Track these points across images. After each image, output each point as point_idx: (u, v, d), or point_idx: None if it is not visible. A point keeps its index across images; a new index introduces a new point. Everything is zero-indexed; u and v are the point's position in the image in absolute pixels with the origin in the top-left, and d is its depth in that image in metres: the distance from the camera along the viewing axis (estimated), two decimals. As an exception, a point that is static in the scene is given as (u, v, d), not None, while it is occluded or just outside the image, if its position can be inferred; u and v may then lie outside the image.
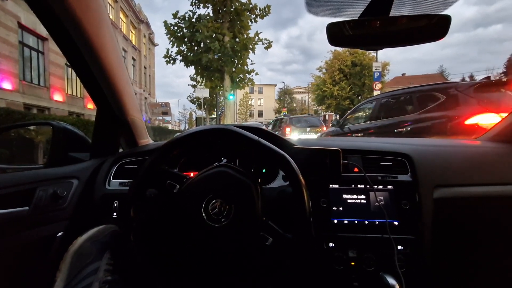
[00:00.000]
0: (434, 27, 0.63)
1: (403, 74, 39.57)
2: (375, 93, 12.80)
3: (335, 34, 0.66)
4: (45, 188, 0.82)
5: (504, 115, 1.62)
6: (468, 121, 2.62)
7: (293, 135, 8.92)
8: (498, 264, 0.84)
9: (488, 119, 2.52)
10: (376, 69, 13.02)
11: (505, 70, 32.50)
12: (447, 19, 0.60)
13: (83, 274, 0.66)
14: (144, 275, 0.64)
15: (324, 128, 8.92)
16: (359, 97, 22.39)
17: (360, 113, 4.45)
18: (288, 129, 9.26)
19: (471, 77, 36.83)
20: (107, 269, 0.69)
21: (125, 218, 0.67)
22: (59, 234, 0.82)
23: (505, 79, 3.05)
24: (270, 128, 10.87)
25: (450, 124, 2.80)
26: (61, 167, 0.93)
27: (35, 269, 0.79)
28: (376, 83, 12.87)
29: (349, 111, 4.97)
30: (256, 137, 0.66)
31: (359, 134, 4.14)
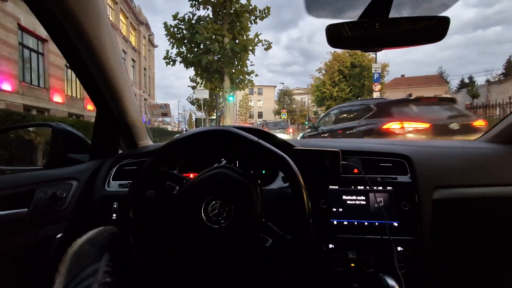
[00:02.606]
0: (433, 29, 0.63)
1: (402, 76, 39.66)
2: (375, 94, 12.84)
3: (335, 35, 0.66)
4: (45, 190, 0.82)
5: (406, 124, 2.73)
6: (384, 126, 3.69)
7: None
8: (497, 265, 0.84)
9: (394, 126, 3.63)
10: (375, 71, 13.06)
11: (504, 71, 32.58)
12: (446, 21, 0.61)
13: (82, 276, 0.65)
14: (143, 277, 0.63)
15: (290, 130, 11.63)
16: (359, 98, 22.41)
17: (329, 118, 5.63)
18: (265, 129, 10.38)
19: (470, 78, 36.94)
20: (106, 271, 0.69)
21: (125, 220, 0.66)
22: (59, 235, 0.81)
23: (412, 98, 4.11)
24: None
25: (375, 128, 3.84)
26: (60, 168, 0.93)
27: (34, 270, 0.79)
28: (375, 84, 12.91)
29: (321, 117, 6.34)
30: (256, 138, 0.66)
31: (327, 134, 5.24)
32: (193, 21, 11.67)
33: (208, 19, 11.66)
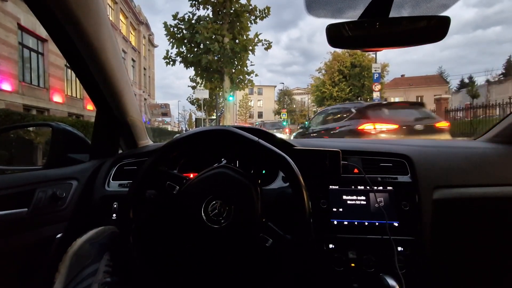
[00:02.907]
0: (433, 28, 0.63)
1: (402, 75, 39.64)
2: (375, 94, 12.84)
3: (335, 35, 0.66)
4: (44, 190, 0.82)
5: (378, 125, 3.43)
6: (359, 127, 4.28)
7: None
8: (498, 264, 0.84)
9: (368, 127, 4.20)
10: (375, 70, 13.06)
11: (503, 71, 32.58)
12: (446, 21, 0.61)
13: (82, 276, 0.65)
14: (143, 277, 0.63)
15: (287, 130, 12.35)
16: (359, 98, 22.42)
17: (317, 119, 6.28)
18: (263, 129, 11.21)
19: (470, 78, 36.95)
20: (106, 271, 0.69)
21: (125, 220, 0.66)
22: (59, 235, 0.81)
23: (385, 102, 5.16)
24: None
25: (353, 129, 4.42)
26: (60, 168, 0.93)
27: (34, 270, 0.79)
28: (375, 84, 12.92)
29: (311, 118, 7.14)
30: (256, 138, 0.66)
31: (315, 134, 5.84)
32: (193, 21, 11.67)
33: (208, 19, 11.66)
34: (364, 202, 0.84)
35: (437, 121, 4.40)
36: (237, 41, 11.83)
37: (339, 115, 5.23)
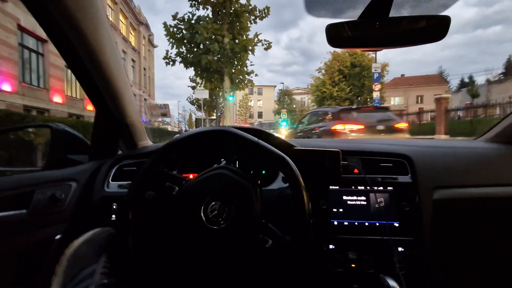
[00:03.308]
0: (433, 28, 0.62)
1: (402, 75, 39.65)
2: (375, 94, 12.84)
3: (335, 35, 0.66)
4: (43, 191, 0.82)
5: (347, 125, 4.81)
6: (332, 127, 5.11)
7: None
8: (498, 265, 0.83)
9: (339, 127, 5.03)
10: (375, 70, 13.06)
11: (504, 70, 32.56)
12: (446, 20, 0.60)
13: (79, 278, 0.65)
14: (142, 278, 0.63)
15: (283, 130, 12.55)
16: (359, 98, 22.43)
17: (304, 120, 7.14)
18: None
19: (470, 77, 36.96)
20: (103, 272, 0.68)
21: (124, 221, 0.66)
22: (58, 236, 0.81)
23: (354, 107, 5.88)
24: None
25: (328, 129, 5.25)
26: (59, 169, 0.93)
27: (33, 272, 0.79)
28: (375, 84, 12.91)
29: (300, 119, 8.02)
30: (256, 139, 0.66)
31: (301, 133, 6.61)
32: (193, 21, 11.68)
33: (207, 19, 11.67)
34: (364, 203, 0.84)
35: (396, 122, 5.32)
36: (237, 41, 11.84)
37: (320, 118, 6.14)
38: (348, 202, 0.84)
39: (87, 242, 0.73)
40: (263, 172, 0.93)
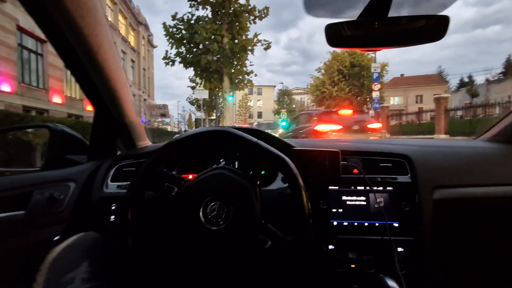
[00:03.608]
0: (433, 28, 0.62)
1: (401, 75, 39.72)
2: (374, 93, 12.85)
3: (334, 35, 0.66)
4: (42, 191, 0.81)
5: (329, 125, 5.88)
6: (315, 128, 5.96)
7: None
8: (498, 265, 0.83)
9: (320, 127, 5.88)
10: (375, 70, 13.07)
11: (503, 70, 32.61)
12: (445, 20, 0.60)
13: (60, 284, 0.63)
14: (141, 279, 0.63)
15: (280, 130, 13.63)
16: (358, 98, 22.44)
17: (293, 122, 8.19)
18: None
19: (470, 77, 37.01)
20: (85, 278, 0.67)
21: (123, 221, 0.66)
22: (56, 238, 0.81)
23: (334, 110, 6.74)
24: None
25: (311, 129, 6.07)
26: (58, 170, 0.92)
27: (31, 273, 0.78)
28: (375, 84, 12.92)
29: (292, 121, 9.35)
30: (255, 139, 0.66)
31: (291, 133, 7.38)
32: (192, 21, 11.67)
33: (207, 19, 11.67)
34: (364, 203, 0.83)
35: (369, 123, 6.31)
36: (236, 41, 11.84)
37: (305, 119, 7.01)
38: (348, 202, 0.84)
39: (69, 247, 0.71)
40: (263, 172, 0.93)
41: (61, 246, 0.71)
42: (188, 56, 11.92)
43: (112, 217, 0.88)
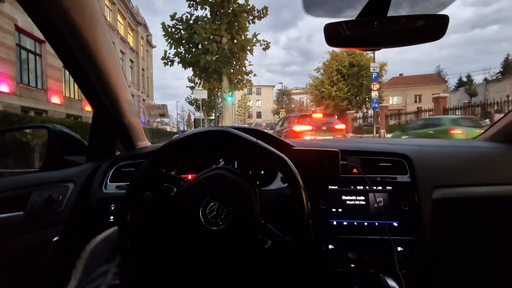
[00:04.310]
0: (432, 27, 0.62)
1: (400, 75, 39.77)
2: (373, 93, 12.86)
3: (333, 34, 0.66)
4: (40, 192, 0.81)
5: (302, 126, 7.88)
6: (292, 128, 7.60)
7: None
8: (497, 264, 0.83)
9: (296, 128, 7.55)
10: (373, 70, 13.08)
11: (501, 70, 32.70)
12: (445, 19, 0.60)
13: (93, 276, 0.65)
14: (139, 280, 0.62)
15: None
16: (357, 98, 22.45)
17: (281, 122, 9.93)
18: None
19: (468, 76, 37.07)
20: (116, 272, 0.68)
21: (122, 222, 0.65)
22: (55, 239, 0.80)
23: (308, 114, 8.51)
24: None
25: (290, 129, 7.69)
26: (56, 170, 0.92)
27: (30, 274, 0.78)
28: (374, 83, 12.93)
29: (277, 122, 11.47)
30: (254, 139, 0.66)
31: (277, 133, 8.76)
32: (191, 21, 11.64)
33: (206, 19, 11.64)
34: (364, 202, 0.83)
35: (336, 123, 7.91)
36: (235, 41, 11.82)
37: (288, 121, 8.85)
38: (347, 202, 0.84)
39: (106, 239, 0.72)
40: (262, 172, 0.93)
41: (99, 237, 0.72)
42: (187, 56, 11.89)
43: (111, 217, 0.88)
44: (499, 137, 0.96)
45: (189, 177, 0.88)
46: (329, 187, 0.85)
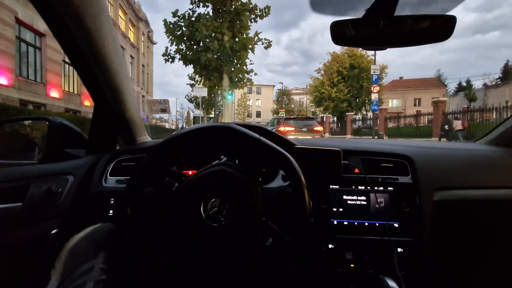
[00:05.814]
0: (438, 28, 0.62)
1: (400, 78, 39.90)
2: (373, 95, 12.90)
3: (339, 33, 0.66)
4: (40, 184, 0.80)
5: (286, 127, 9.98)
6: (279, 129, 9.23)
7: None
8: (497, 267, 0.83)
9: (282, 128, 9.44)
10: (374, 72, 13.12)
11: (501, 75, 32.83)
12: (452, 20, 0.60)
13: (77, 273, 0.64)
14: (140, 275, 0.62)
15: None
16: (357, 100, 22.50)
17: (272, 123, 11.56)
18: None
19: (468, 81, 37.23)
20: (102, 268, 0.67)
21: (122, 216, 0.65)
22: (54, 231, 0.80)
23: (292, 117, 10.42)
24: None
25: (278, 129, 9.02)
26: (56, 163, 0.91)
27: (28, 266, 0.77)
28: (374, 85, 12.97)
29: (268, 123, 12.94)
30: (257, 136, 0.65)
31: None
32: (193, 19, 11.62)
33: (208, 16, 11.61)
34: (364, 203, 0.83)
35: (315, 126, 9.87)
36: (236, 39, 11.79)
37: (277, 122, 10.29)
38: (348, 202, 0.84)
39: (87, 237, 0.72)
40: (264, 169, 0.92)
41: (79, 235, 0.71)
42: (188, 53, 11.86)
43: (111, 211, 0.87)
44: (500, 141, 0.96)
45: (190, 172, 0.88)
46: (330, 186, 0.85)
